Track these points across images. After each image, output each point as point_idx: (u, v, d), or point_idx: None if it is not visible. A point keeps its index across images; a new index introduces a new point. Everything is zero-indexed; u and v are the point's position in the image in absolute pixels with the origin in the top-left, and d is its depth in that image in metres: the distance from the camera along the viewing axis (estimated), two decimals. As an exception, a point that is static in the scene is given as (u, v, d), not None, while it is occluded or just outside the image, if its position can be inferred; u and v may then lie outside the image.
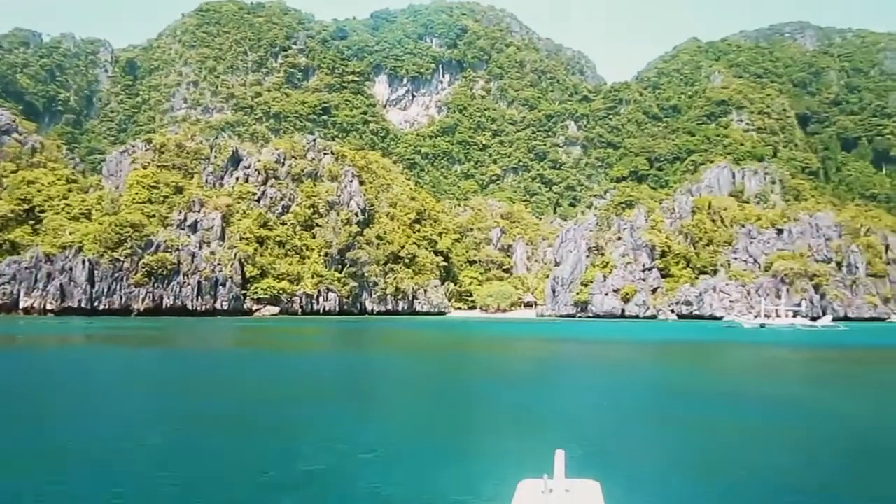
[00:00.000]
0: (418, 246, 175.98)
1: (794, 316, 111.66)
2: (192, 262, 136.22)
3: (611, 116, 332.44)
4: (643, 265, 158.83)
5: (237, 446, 15.68)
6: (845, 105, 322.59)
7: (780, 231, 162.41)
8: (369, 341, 61.11)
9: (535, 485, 4.05)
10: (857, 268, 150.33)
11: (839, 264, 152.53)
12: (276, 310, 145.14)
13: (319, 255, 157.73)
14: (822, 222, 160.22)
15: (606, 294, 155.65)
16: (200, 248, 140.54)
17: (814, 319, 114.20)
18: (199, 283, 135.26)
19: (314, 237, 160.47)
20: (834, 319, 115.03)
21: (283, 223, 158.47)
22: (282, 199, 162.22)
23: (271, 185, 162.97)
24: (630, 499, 9.26)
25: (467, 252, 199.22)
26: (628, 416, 18.98)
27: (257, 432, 17.09)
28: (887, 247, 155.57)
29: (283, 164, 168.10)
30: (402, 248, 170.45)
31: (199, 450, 15.25)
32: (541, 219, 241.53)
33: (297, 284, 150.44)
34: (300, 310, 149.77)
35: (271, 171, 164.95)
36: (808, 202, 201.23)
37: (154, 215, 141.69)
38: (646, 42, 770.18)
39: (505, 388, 26.70)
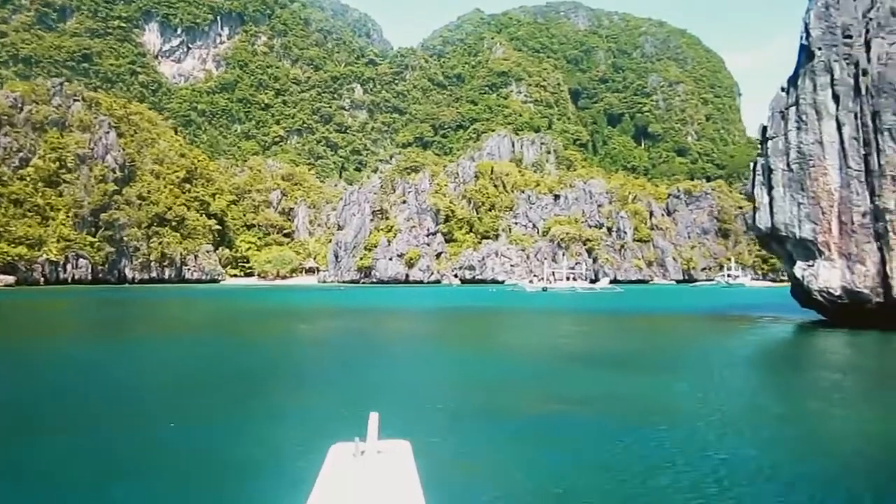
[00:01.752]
0: (188, 207, 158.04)
1: (574, 279, 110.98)
2: None
3: (397, 82, 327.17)
4: (427, 229, 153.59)
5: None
6: (611, 83, 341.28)
7: (557, 197, 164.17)
8: (129, 318, 47.56)
9: (346, 447, 3.97)
10: (625, 233, 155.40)
11: (609, 229, 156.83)
12: (10, 279, 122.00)
13: (67, 217, 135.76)
14: (594, 189, 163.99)
15: (391, 259, 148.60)
16: None
17: (592, 282, 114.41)
18: None
19: (61, 195, 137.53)
20: (610, 282, 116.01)
21: (21, 178, 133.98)
22: (19, 151, 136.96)
23: (6, 134, 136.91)
24: (438, 455, 9.75)
25: (244, 215, 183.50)
26: (437, 381, 18.78)
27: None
28: (651, 213, 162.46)
29: (22, 109, 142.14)
30: (169, 209, 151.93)
31: None
32: (324, 182, 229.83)
33: (39, 250, 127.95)
34: (42, 279, 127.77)
35: (6, 118, 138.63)
36: (579, 172, 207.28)
37: None
38: (431, 9, 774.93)
39: (305, 360, 23.86)
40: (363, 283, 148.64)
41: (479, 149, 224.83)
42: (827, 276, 33.44)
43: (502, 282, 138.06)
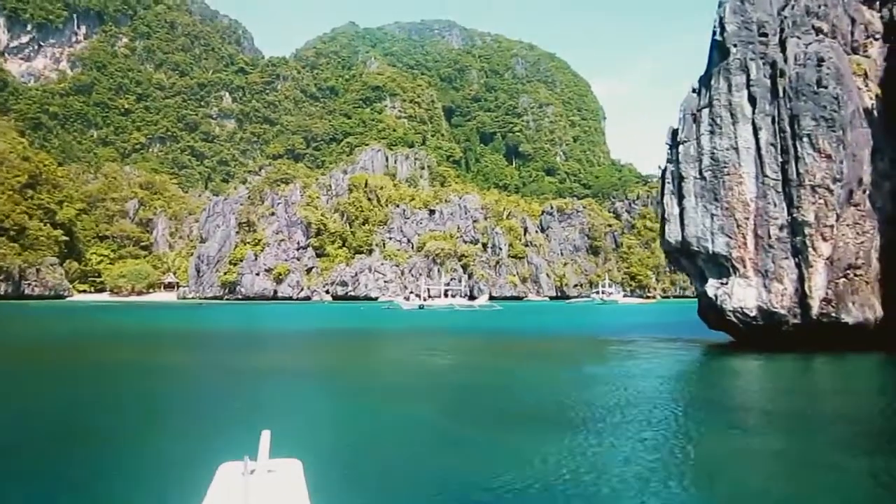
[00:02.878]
0: (30, 216, 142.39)
1: (453, 296, 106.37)
2: None
3: (268, 91, 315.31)
4: (298, 243, 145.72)
5: None
6: (484, 102, 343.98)
7: (432, 212, 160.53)
8: None
9: (235, 467, 3.88)
10: (500, 249, 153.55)
11: (485, 245, 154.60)
12: None
13: None
14: (469, 205, 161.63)
15: (257, 274, 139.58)
16: None
17: (470, 299, 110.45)
18: None
19: None
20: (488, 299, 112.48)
21: None
22: None
23: None
24: (329, 474, 9.25)
25: (97, 226, 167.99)
26: (328, 401, 18.12)
27: None
28: (525, 230, 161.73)
29: None
30: (7, 217, 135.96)
31: None
32: (187, 192, 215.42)
33: None
34: None
35: None
36: (454, 187, 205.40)
37: None
38: (304, 20, 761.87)
39: (181, 384, 21.94)
40: (227, 299, 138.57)
41: (352, 162, 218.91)
42: (742, 295, 30.15)
43: (376, 298, 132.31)
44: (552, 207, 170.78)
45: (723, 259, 30.46)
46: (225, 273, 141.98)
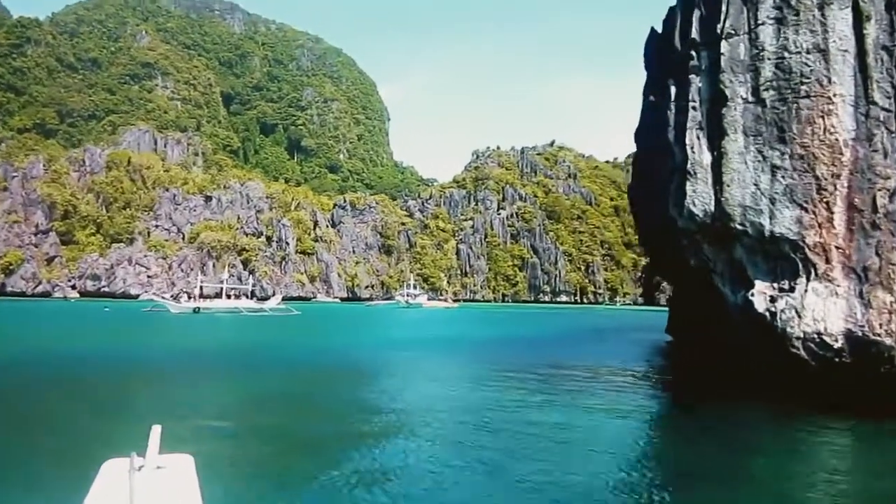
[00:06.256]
0: None
1: (237, 297, 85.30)
2: None
3: (15, 56, 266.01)
4: (36, 226, 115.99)
5: None
6: (266, 92, 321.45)
7: (208, 199, 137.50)
8: None
9: (122, 463, 3.60)
10: (287, 243, 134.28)
11: (269, 238, 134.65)
12: None
13: None
14: (253, 193, 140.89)
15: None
16: None
17: (262, 300, 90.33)
18: None
19: None
20: (284, 299, 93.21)
21: None
22: None
23: None
24: (222, 467, 8.87)
25: None
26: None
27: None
28: (315, 223, 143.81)
29: None
30: None
31: None
32: None
33: None
34: None
35: None
36: (234, 172, 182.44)
37: None
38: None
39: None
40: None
41: (115, 143, 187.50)
42: (821, 309, 16.60)
43: (137, 296, 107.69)
44: (345, 201, 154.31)
45: (788, 246, 16.81)
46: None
